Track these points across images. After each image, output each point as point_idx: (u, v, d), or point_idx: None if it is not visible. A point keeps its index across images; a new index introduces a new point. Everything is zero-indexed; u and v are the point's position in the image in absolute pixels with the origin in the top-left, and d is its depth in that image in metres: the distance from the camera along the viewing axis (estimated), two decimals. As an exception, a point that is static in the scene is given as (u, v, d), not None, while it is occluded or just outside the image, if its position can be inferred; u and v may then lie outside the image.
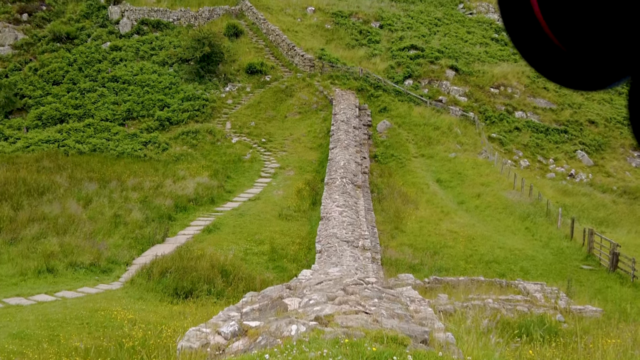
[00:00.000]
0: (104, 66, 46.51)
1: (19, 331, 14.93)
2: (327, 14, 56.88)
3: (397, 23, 56.51)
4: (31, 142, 39.20)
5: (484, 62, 51.88)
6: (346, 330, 6.98)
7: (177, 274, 20.73)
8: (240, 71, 48.34)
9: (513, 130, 44.91)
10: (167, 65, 47.33)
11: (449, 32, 56.58)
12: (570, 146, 44.49)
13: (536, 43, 0.62)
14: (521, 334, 12.77)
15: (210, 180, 33.26)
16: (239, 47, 50.70)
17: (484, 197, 34.88)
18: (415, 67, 49.40)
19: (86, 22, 50.62)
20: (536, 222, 32.25)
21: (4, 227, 24.09)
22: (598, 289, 25.29)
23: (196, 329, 7.90)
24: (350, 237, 22.98)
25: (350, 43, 53.04)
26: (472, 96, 47.35)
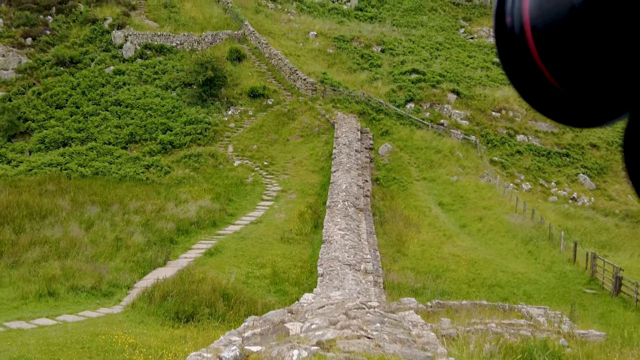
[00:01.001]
0: (107, 90, 46.66)
1: (19, 355, 14.89)
2: (329, 39, 57.16)
3: (398, 47, 56.75)
4: (34, 166, 39.25)
5: (485, 86, 52.03)
6: (348, 356, 6.95)
7: (179, 297, 20.65)
8: (243, 95, 48.48)
9: (515, 154, 44.94)
10: (170, 89, 47.47)
11: (450, 56, 56.82)
12: (572, 170, 44.50)
13: (535, 85, 0.63)
14: (524, 359, 12.70)
15: (212, 204, 33.23)
16: (241, 71, 50.90)
17: (486, 221, 34.81)
18: (416, 91, 49.52)
19: (90, 47, 50.83)
20: (539, 245, 32.17)
21: (6, 250, 24.08)
22: (601, 313, 25.19)
23: (197, 354, 7.86)
24: (352, 261, 22.90)
25: (352, 67, 53.26)
26: (473, 120, 47.43)
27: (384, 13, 65.88)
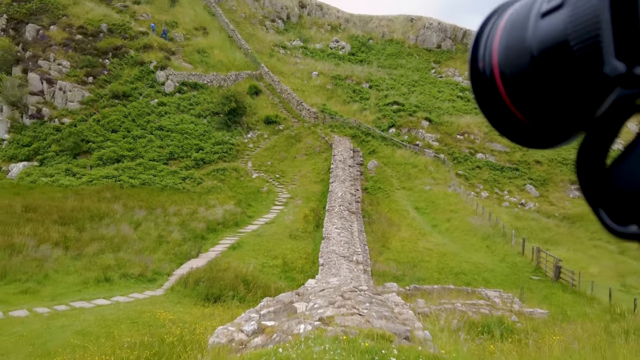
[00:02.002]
0: (152, 118, 46.82)
1: (82, 328, 14.85)
2: (327, 77, 57.43)
3: (382, 84, 57.08)
4: (94, 178, 39.34)
5: (451, 114, 52.32)
6: (344, 329, 6.92)
7: (208, 282, 20.68)
8: (259, 122, 48.67)
9: (475, 168, 45.14)
10: (202, 117, 47.62)
11: (424, 91, 57.12)
12: (521, 181, 44.63)
13: (503, 118, 0.64)
14: (484, 332, 12.67)
15: (235, 208, 33.34)
16: (258, 103, 51.09)
17: (452, 222, 34.88)
18: (397, 119, 49.81)
19: (138, 84, 50.99)
20: (494, 241, 32.23)
21: (71, 245, 24.15)
22: (545, 296, 25.23)
23: (223, 328, 7.83)
24: (346, 253, 22.91)
25: (346, 100, 53.55)
26: (442, 141, 47.65)
27: (371, 57, 66.21)
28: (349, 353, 6.08)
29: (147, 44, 55.65)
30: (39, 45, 53.36)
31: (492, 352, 9.21)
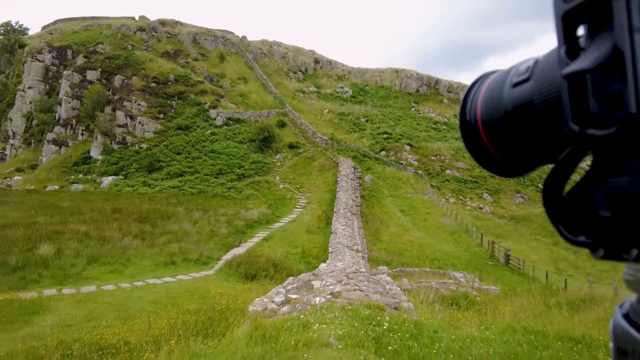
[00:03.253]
0: (206, 144, 47.13)
1: (154, 299, 14.87)
2: (335, 114, 57.54)
3: (375, 119, 57.14)
4: (163, 188, 39.57)
5: (427, 141, 52.19)
6: (349, 301, 6.85)
7: (247, 265, 20.65)
8: (285, 147, 48.78)
9: (445, 181, 44.88)
10: (243, 143, 47.84)
11: (406, 124, 57.05)
12: (479, 190, 44.28)
13: (484, 154, 0.67)
14: (453, 304, 12.52)
15: (267, 210, 33.32)
16: (284, 133, 51.27)
17: (428, 221, 34.65)
18: (386, 144, 49.72)
19: (196, 119, 51.37)
20: (460, 236, 31.95)
21: (147, 237, 24.26)
22: (497, 277, 24.94)
23: (259, 299, 7.79)
24: (349, 244, 22.80)
25: (348, 130, 53.59)
26: (420, 161, 47.53)
27: (367, 99, 66.33)
28: (353, 319, 6.02)
29: (203, 89, 56.10)
30: (124, 91, 53.93)
31: (459, 318, 9.07)
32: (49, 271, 17.89)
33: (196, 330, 8.72)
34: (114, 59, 58.89)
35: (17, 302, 13.91)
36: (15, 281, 16.66)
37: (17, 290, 15.73)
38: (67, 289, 16.33)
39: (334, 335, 5.38)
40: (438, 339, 6.08)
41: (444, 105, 68.24)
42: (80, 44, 62.20)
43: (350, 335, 5.44)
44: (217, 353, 5.22)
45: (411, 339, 5.85)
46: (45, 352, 8.08)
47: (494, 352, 5.92)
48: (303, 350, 4.86)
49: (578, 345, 6.58)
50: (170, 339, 7.25)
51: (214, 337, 7.40)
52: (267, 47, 74.94)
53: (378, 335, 5.68)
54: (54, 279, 17.37)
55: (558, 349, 6.24)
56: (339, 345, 5.14)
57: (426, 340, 5.95)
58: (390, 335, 5.78)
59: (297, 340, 5.15)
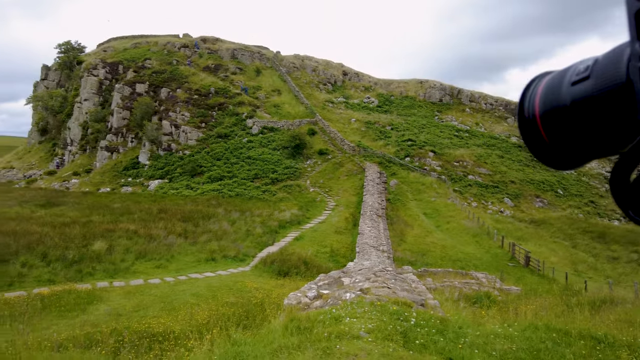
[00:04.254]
0: (243, 150, 47.65)
1: (195, 292, 15.08)
2: (361, 122, 57.31)
3: (400, 127, 56.56)
4: (204, 190, 40.21)
5: (450, 147, 51.33)
6: (378, 297, 6.78)
7: (280, 262, 20.69)
8: (315, 153, 48.85)
9: (467, 186, 43.98)
10: (276, 150, 48.16)
11: (430, 131, 56.29)
12: (500, 195, 43.24)
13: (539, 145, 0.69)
14: (475, 302, 12.25)
15: (298, 211, 33.35)
16: (314, 140, 51.36)
17: (451, 224, 34.01)
18: (410, 151, 49.14)
19: (234, 128, 52.07)
20: (481, 238, 31.25)
21: (189, 235, 24.58)
22: (518, 277, 24.25)
23: (294, 294, 7.80)
24: (375, 244, 22.60)
25: (374, 138, 53.25)
26: (443, 167, 46.75)
27: (392, 108, 65.80)
28: (381, 314, 5.96)
29: (241, 101, 56.86)
30: (169, 102, 55.20)
31: (482, 316, 8.87)
32: (101, 265, 18.38)
33: (235, 321, 8.81)
34: (160, 73, 60.40)
35: (74, 292, 14.35)
36: (73, 274, 17.18)
37: (74, 281, 16.22)
38: (117, 281, 16.76)
39: (364, 328, 5.34)
40: (463, 335, 5.96)
41: (466, 113, 67.11)
42: (131, 60, 64.09)
43: (380, 329, 5.39)
44: (255, 342, 5.26)
45: (437, 334, 5.76)
46: (100, 337, 8.31)
47: (517, 348, 5.77)
48: (336, 342, 4.84)
49: (600, 344, 6.33)
50: (213, 328, 7.35)
51: (252, 328, 7.46)
52: (299, 61, 75.44)
53: (406, 329, 5.62)
54: (106, 273, 17.84)
55: (580, 347, 6.03)
56: (369, 338, 5.10)
57: (451, 335, 5.85)
58: (417, 330, 5.71)
59: (330, 332, 5.13)
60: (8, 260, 17.43)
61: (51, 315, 12.03)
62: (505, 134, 61.14)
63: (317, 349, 4.66)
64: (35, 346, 6.82)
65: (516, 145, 57.11)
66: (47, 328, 10.58)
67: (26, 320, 10.87)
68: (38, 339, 8.25)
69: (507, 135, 60.96)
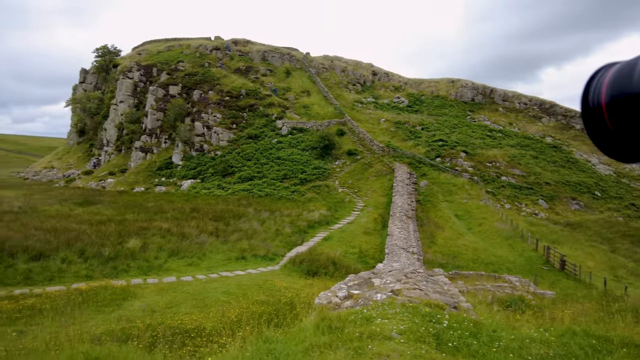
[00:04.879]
0: (273, 151, 48.05)
1: (226, 290, 15.28)
2: (391, 123, 56.85)
3: (431, 127, 55.75)
4: (235, 190, 40.76)
5: (482, 148, 50.29)
6: (409, 299, 6.71)
7: (308, 262, 20.69)
8: (343, 154, 48.76)
9: (500, 187, 42.92)
10: (305, 150, 48.34)
11: (461, 131, 55.27)
12: (534, 197, 42.02)
13: (603, 135, 0.68)
14: (509, 306, 11.95)
15: (327, 212, 33.34)
16: (343, 141, 51.29)
17: (483, 226, 33.30)
18: (442, 151, 48.37)
19: (264, 129, 52.59)
20: (515, 241, 30.44)
21: (220, 234, 24.90)
22: (552, 282, 23.56)
23: (324, 293, 7.80)
24: (404, 246, 22.36)
25: (404, 138, 52.68)
26: (475, 167, 45.80)
27: (422, 108, 64.99)
28: (413, 315, 5.89)
29: (271, 102, 57.41)
30: (201, 104, 56.25)
31: (517, 319, 8.65)
32: (135, 262, 18.85)
33: (265, 319, 8.89)
34: (192, 75, 61.65)
35: (110, 288, 14.80)
36: (108, 270, 17.72)
37: (109, 278, 16.73)
38: (151, 278, 17.17)
39: (396, 329, 5.30)
40: (497, 338, 5.83)
41: (499, 113, 65.64)
42: (164, 63, 65.67)
43: (412, 330, 5.33)
44: (287, 340, 5.29)
45: (470, 337, 5.65)
46: (137, 332, 8.55)
47: (554, 353, 5.59)
48: (367, 342, 4.82)
49: (644, 352, 6.06)
50: (246, 326, 7.44)
51: (282, 326, 7.51)
52: (328, 62, 75.54)
53: (438, 331, 5.54)
54: (140, 270, 18.30)
55: (623, 355, 5.79)
56: (401, 339, 5.05)
57: (485, 338, 5.73)
58: (450, 332, 5.62)
59: (362, 332, 5.12)
60: (49, 255, 18.15)
61: (89, 309, 12.44)
62: (539, 134, 59.45)
63: (348, 349, 4.66)
64: (76, 339, 7.08)
65: (551, 145, 55.43)
66: (86, 322, 10.96)
67: (68, 314, 11.29)
68: (78, 332, 8.56)
69: (542, 135, 59.26)
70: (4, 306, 12.12)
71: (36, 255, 18.02)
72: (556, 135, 60.21)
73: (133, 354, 5.35)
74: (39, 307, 12.15)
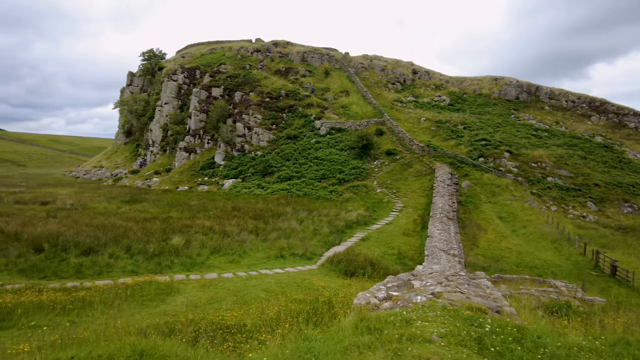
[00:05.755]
0: (311, 151, 48.27)
1: (266, 287, 15.49)
2: (432, 122, 55.82)
3: (474, 126, 54.26)
4: (274, 190, 41.25)
5: (527, 148, 48.48)
6: (450, 302, 6.57)
7: (346, 262, 20.65)
8: (382, 154, 48.33)
9: (546, 189, 41.18)
10: (343, 150, 48.27)
11: (505, 131, 53.46)
12: (582, 199, 40.07)
13: None
14: (555, 312, 11.47)
15: (365, 212, 33.15)
16: (381, 140, 50.84)
17: (528, 228, 32.10)
18: (485, 151, 46.98)
19: (303, 129, 52.93)
20: (561, 244, 29.19)
21: (260, 233, 25.24)
22: (602, 288, 22.39)
23: (363, 294, 7.76)
24: (445, 248, 21.94)
25: (445, 137, 51.56)
26: (520, 168, 44.19)
27: (465, 107, 63.42)
28: (454, 319, 5.77)
29: (310, 103, 57.73)
30: (242, 105, 57.29)
31: (564, 326, 8.30)
32: (179, 259, 19.41)
33: (304, 318, 8.95)
34: (234, 77, 62.90)
35: (154, 283, 15.32)
36: (153, 266, 18.34)
37: (154, 273, 17.32)
38: (193, 274, 17.63)
39: (436, 332, 5.20)
40: (542, 345, 5.62)
41: (545, 112, 63.18)
42: (207, 65, 67.34)
43: (453, 333, 5.22)
44: (326, 339, 5.31)
45: (514, 342, 5.48)
46: (180, 327, 8.81)
47: (605, 364, 5.33)
48: (407, 344, 4.76)
49: None
50: (285, 324, 7.52)
51: (321, 325, 7.53)
52: (367, 62, 75.13)
53: (480, 336, 5.40)
54: (183, 266, 18.83)
55: (681, 367, 5.44)
56: (441, 342, 4.96)
57: (530, 344, 5.53)
58: (492, 337, 5.46)
59: (401, 334, 5.06)
60: (98, 251, 19.01)
61: (135, 303, 12.93)
62: (588, 133, 56.73)
63: (388, 350, 4.61)
64: (123, 331, 7.38)
65: (601, 145, 52.77)
66: (132, 315, 11.40)
67: (116, 307, 11.79)
68: (124, 324, 8.92)
69: (591, 134, 56.52)
70: (58, 297, 12.80)
71: (86, 250, 18.93)
72: (607, 135, 57.27)
73: (177, 348, 5.52)
74: (89, 299, 12.75)
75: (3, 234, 20.36)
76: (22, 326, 10.21)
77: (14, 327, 10.16)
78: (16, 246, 18.72)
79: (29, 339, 8.73)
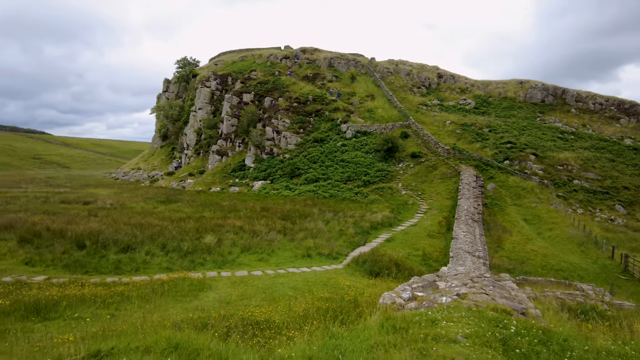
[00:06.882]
0: (337, 154, 48.27)
1: (293, 285, 15.55)
2: (457, 125, 54.92)
3: (499, 129, 53.07)
4: (301, 191, 41.42)
5: (553, 150, 47.05)
6: (475, 303, 6.44)
7: (371, 262, 20.51)
8: (407, 156, 47.87)
9: (572, 192, 39.88)
10: (369, 153, 48.05)
11: (531, 133, 52.10)
12: (610, 202, 38.60)
13: None
14: (581, 315, 11.09)
15: (390, 214, 32.89)
16: (406, 143, 50.37)
17: (553, 231, 31.15)
18: (510, 153, 45.90)
19: (330, 132, 52.96)
20: (588, 247, 28.19)
21: (287, 232, 25.38)
22: (632, 293, 21.43)
23: (388, 294, 7.70)
24: (470, 250, 21.52)
25: (470, 140, 50.61)
26: (546, 170, 42.94)
27: (490, 110, 62.15)
28: (479, 320, 5.66)
29: (336, 107, 57.74)
30: (272, 110, 57.83)
31: (590, 330, 8.02)
32: (211, 257, 19.72)
33: (330, 316, 8.94)
34: (264, 83, 63.57)
35: (188, 280, 15.61)
36: (187, 263, 18.69)
37: (187, 270, 17.64)
38: (224, 272, 17.87)
39: (461, 333, 5.12)
40: (569, 348, 5.44)
41: (571, 114, 61.26)
42: (238, 72, 68.31)
43: (478, 334, 5.12)
44: (352, 336, 5.29)
45: (540, 345, 5.33)
46: (212, 322, 8.95)
47: (635, 369, 5.12)
48: (432, 344, 4.70)
49: None
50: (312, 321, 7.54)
51: (347, 323, 7.51)
52: (393, 66, 74.61)
53: (505, 337, 5.27)
54: (215, 263, 19.11)
55: None
56: (466, 342, 4.87)
57: (556, 347, 5.37)
58: (517, 338, 5.33)
59: (426, 333, 4.99)
60: (135, 248, 19.52)
61: (169, 298, 13.20)
62: (617, 136, 54.63)
63: (413, 349, 4.56)
64: (159, 324, 7.56)
65: (631, 147, 50.72)
66: (167, 310, 11.65)
67: (152, 302, 12.07)
68: (160, 318, 9.12)
69: (620, 137, 54.41)
70: (99, 292, 13.21)
71: (124, 247, 19.47)
72: (637, 137, 55.00)
73: (209, 342, 5.61)
74: (127, 294, 13.10)
75: (49, 231, 21.17)
76: (66, 317, 10.60)
77: (59, 318, 10.56)
78: (61, 242, 19.44)
79: (73, 329, 9.05)
